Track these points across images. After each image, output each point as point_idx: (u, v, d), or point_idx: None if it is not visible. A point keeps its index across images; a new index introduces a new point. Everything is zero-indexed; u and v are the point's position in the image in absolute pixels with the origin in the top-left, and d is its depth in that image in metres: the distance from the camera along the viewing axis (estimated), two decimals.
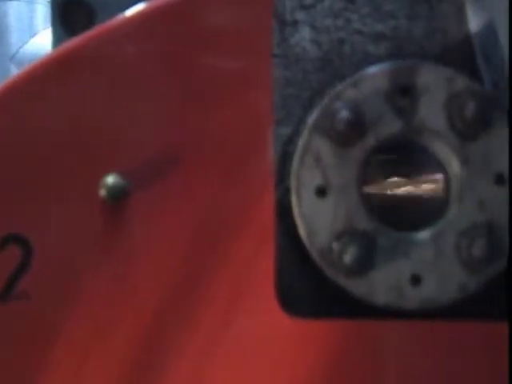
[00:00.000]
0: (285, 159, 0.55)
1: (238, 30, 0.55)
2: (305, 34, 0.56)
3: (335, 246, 0.53)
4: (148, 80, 0.54)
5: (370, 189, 0.58)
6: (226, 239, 0.54)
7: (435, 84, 0.53)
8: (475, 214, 0.53)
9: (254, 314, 0.54)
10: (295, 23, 0.56)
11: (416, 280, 0.53)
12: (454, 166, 0.54)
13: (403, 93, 0.53)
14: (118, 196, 0.52)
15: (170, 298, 0.54)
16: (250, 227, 0.54)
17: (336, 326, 0.54)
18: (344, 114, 0.52)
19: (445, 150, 0.54)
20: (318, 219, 0.53)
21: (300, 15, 0.56)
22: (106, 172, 0.52)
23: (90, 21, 0.71)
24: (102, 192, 0.52)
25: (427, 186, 0.60)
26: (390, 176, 0.63)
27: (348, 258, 0.52)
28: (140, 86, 0.54)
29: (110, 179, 0.52)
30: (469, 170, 0.53)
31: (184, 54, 0.54)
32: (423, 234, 0.53)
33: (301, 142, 0.54)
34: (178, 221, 0.54)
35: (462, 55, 0.56)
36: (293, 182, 0.54)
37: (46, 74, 0.54)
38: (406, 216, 0.57)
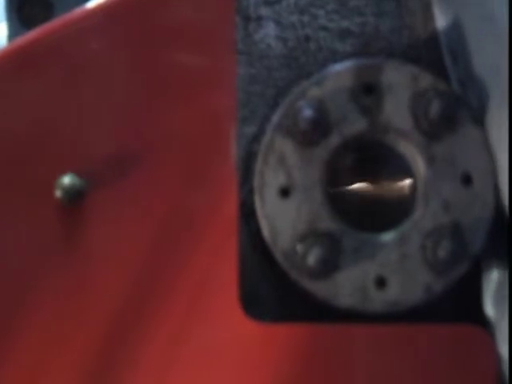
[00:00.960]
0: (250, 159, 0.56)
1: (202, 25, 0.55)
2: (269, 30, 0.57)
3: (299, 247, 0.53)
4: (108, 76, 0.54)
5: (336, 189, 0.60)
6: (189, 241, 0.54)
7: (400, 82, 0.54)
8: (440, 215, 0.54)
9: (217, 317, 0.54)
10: (260, 19, 0.57)
11: (381, 282, 0.54)
12: (420, 165, 0.55)
13: (368, 91, 0.54)
14: (75, 197, 0.52)
15: (130, 302, 0.54)
16: (214, 228, 0.54)
17: (301, 330, 0.55)
18: (307, 112, 0.53)
19: (411, 150, 0.55)
20: (282, 220, 0.54)
21: (264, 11, 0.57)
22: (62, 172, 0.52)
23: (47, 14, 0.71)
24: (58, 193, 0.52)
25: (394, 186, 0.61)
26: (357, 176, 0.64)
27: (312, 259, 0.53)
28: (100, 82, 0.54)
29: (67, 179, 0.52)
30: (434, 170, 0.54)
31: (145, 50, 0.54)
32: (388, 235, 0.54)
33: (264, 142, 0.54)
34: (138, 222, 0.54)
35: (429, 53, 0.57)
36: (256, 182, 0.54)
37: (0, 68, 0.54)
38: (372, 217, 0.58)
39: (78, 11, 0.55)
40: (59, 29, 0.54)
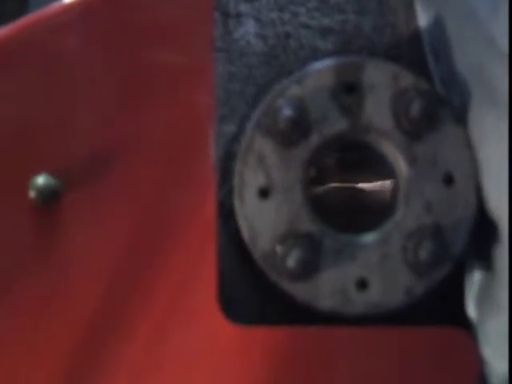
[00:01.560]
0: (229, 158, 0.56)
1: (181, 22, 0.55)
2: (249, 27, 0.57)
3: (279, 248, 0.54)
4: (83, 74, 0.54)
5: (316, 189, 0.60)
6: (167, 242, 0.54)
7: (381, 81, 0.54)
8: (422, 216, 0.55)
9: (196, 320, 0.55)
10: (239, 16, 0.57)
11: (362, 284, 0.54)
12: (402, 165, 0.55)
13: (349, 90, 0.54)
14: (50, 197, 0.52)
15: (108, 304, 0.54)
16: (192, 229, 0.55)
17: (280, 333, 0.55)
18: (287, 112, 0.53)
19: (392, 150, 0.55)
20: (261, 221, 0.54)
21: (244, 7, 0.57)
22: (37, 172, 0.52)
23: (21, 9, 0.71)
24: (32, 193, 0.52)
25: (375, 187, 0.62)
26: (339, 176, 0.64)
27: (291, 261, 0.53)
28: (75, 80, 0.54)
29: (41, 180, 0.52)
30: (416, 170, 0.55)
31: (121, 48, 0.54)
32: (369, 237, 0.55)
33: (243, 141, 0.55)
34: (115, 223, 0.54)
35: (411, 51, 0.58)
36: (235, 183, 0.55)
37: None
38: (353, 217, 0.59)
39: (53, 6, 0.55)
40: (34, 24, 0.54)
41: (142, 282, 0.54)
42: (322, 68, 0.55)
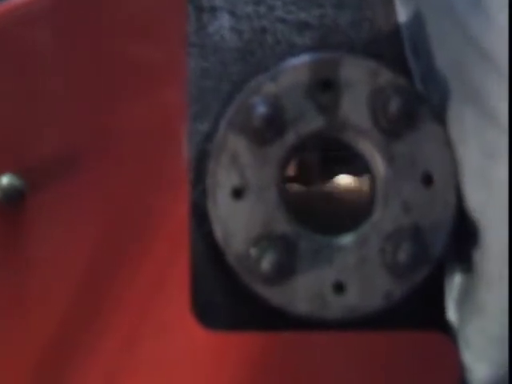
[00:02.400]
0: (203, 158, 0.56)
1: (153, 16, 0.55)
2: (224, 21, 0.57)
3: (253, 251, 0.54)
4: (51, 71, 0.54)
5: (292, 189, 0.60)
6: (138, 244, 0.54)
7: (358, 78, 0.54)
8: (401, 217, 0.55)
9: (169, 325, 0.54)
10: (213, 10, 0.57)
11: (339, 287, 0.54)
12: (380, 165, 0.55)
13: (325, 87, 0.54)
14: (14, 198, 0.51)
15: (77, 309, 0.54)
16: (164, 231, 0.54)
17: (255, 339, 0.55)
18: (261, 109, 0.53)
19: (370, 149, 0.55)
20: (235, 222, 0.54)
21: (219, 1, 0.57)
22: (0, 172, 0.51)
23: None
24: None
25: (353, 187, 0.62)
26: (319, 175, 0.64)
27: (266, 264, 0.53)
28: (42, 77, 0.54)
29: (5, 180, 0.51)
30: (394, 169, 0.55)
31: (91, 42, 0.54)
32: (347, 239, 0.55)
33: (216, 140, 0.54)
34: (84, 225, 0.54)
35: (390, 47, 0.58)
36: (208, 183, 0.55)
37: None
38: (330, 219, 0.58)
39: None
40: None
41: (113, 286, 0.54)
42: (298, 65, 0.55)
